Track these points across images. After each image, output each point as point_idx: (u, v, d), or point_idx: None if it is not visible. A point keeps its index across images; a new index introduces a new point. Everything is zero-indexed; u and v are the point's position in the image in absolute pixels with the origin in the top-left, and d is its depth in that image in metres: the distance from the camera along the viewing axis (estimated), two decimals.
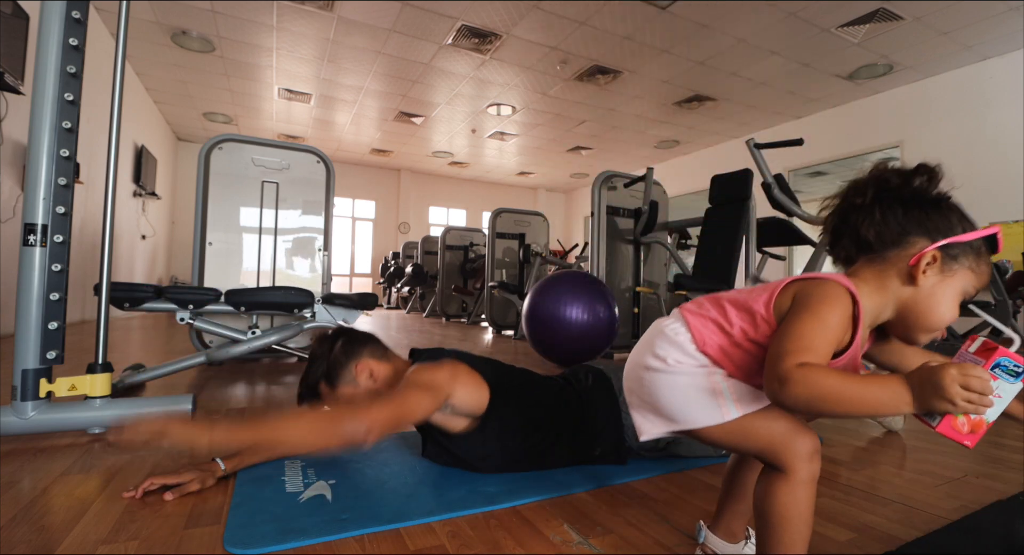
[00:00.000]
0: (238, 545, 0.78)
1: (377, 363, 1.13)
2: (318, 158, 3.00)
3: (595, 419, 1.16)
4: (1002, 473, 1.17)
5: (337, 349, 1.12)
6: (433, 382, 0.99)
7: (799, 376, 0.53)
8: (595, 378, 1.23)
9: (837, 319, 0.58)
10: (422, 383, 0.98)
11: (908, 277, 0.62)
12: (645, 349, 0.69)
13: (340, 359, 1.11)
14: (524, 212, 5.63)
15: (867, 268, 0.65)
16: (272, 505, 0.92)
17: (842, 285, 0.60)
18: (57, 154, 1.30)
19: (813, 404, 0.53)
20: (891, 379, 0.53)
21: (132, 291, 1.96)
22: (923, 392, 0.49)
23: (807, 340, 0.56)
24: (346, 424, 0.83)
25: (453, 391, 1.01)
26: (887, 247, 0.63)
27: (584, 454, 1.15)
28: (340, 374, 1.10)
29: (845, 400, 0.52)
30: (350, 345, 1.13)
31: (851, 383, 0.52)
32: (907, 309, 0.63)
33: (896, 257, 0.62)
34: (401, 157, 9.37)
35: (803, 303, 0.59)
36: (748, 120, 6.82)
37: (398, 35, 4.78)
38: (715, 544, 0.74)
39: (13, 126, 3.43)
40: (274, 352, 2.87)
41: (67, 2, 1.32)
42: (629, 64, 5.27)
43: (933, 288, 0.61)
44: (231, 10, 4.40)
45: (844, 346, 0.60)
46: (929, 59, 4.96)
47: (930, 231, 0.61)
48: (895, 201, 0.63)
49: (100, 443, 1.30)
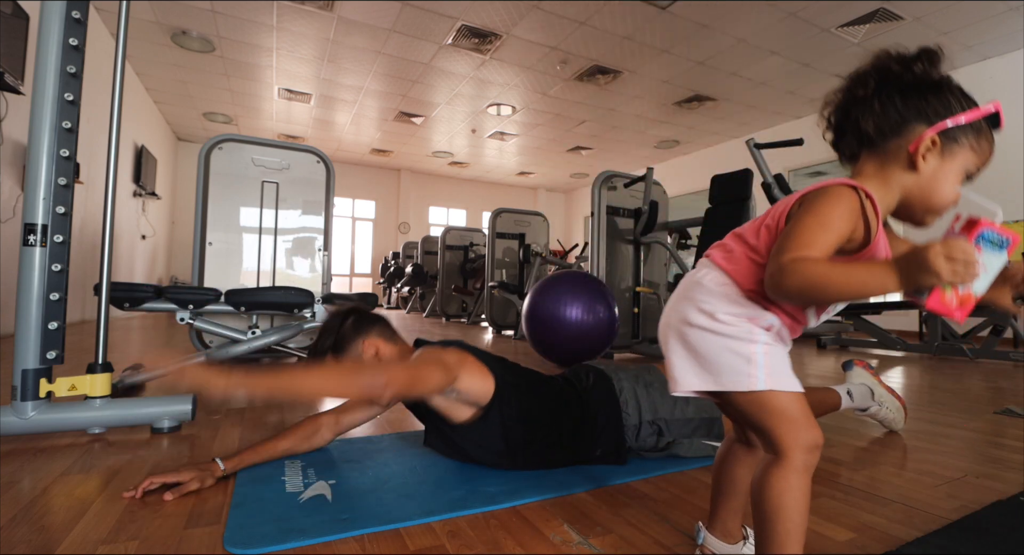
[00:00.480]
0: (238, 545, 0.78)
1: (384, 343, 1.16)
2: (318, 158, 3.00)
3: (596, 419, 1.16)
4: (1002, 473, 1.17)
5: (348, 324, 1.15)
6: (443, 360, 1.02)
7: (791, 268, 0.55)
8: (596, 378, 1.23)
9: (838, 216, 0.59)
10: (433, 359, 1.01)
11: (909, 164, 0.62)
12: (687, 303, 0.67)
13: (349, 334, 1.14)
14: (524, 212, 5.63)
15: (869, 163, 0.65)
16: (272, 505, 0.92)
17: (843, 184, 0.61)
18: (57, 154, 1.30)
19: (805, 292, 0.55)
20: (878, 262, 0.55)
21: (132, 291, 1.96)
22: (909, 269, 0.51)
23: (804, 238, 0.58)
24: (366, 375, 0.87)
25: (460, 374, 1.03)
26: (887, 138, 0.63)
27: (585, 454, 1.16)
28: (347, 348, 1.13)
29: (833, 284, 0.54)
30: (360, 322, 1.16)
31: (839, 268, 0.54)
32: (910, 195, 0.64)
33: (896, 147, 0.63)
34: (401, 157, 9.37)
35: (805, 207, 0.61)
36: (748, 120, 6.82)
37: (398, 35, 4.78)
38: (714, 545, 0.74)
39: (13, 126, 3.43)
40: (274, 352, 2.87)
41: (67, 2, 1.32)
42: (629, 64, 5.27)
43: (934, 172, 0.62)
44: (231, 10, 4.40)
45: (861, 242, 0.61)
46: None
47: (929, 116, 0.61)
48: (894, 91, 0.63)
49: (100, 443, 1.30)
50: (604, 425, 1.16)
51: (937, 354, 3.54)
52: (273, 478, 1.05)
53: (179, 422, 1.44)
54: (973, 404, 1.95)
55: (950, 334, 3.66)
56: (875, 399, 1.49)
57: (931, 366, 3.07)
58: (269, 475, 1.06)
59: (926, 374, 2.74)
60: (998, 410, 1.83)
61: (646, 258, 3.69)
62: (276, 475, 1.07)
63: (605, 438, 1.16)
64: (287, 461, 1.15)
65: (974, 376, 2.67)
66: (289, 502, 0.94)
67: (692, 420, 1.21)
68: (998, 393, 2.19)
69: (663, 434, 1.19)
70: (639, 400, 1.19)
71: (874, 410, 1.48)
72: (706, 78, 5.54)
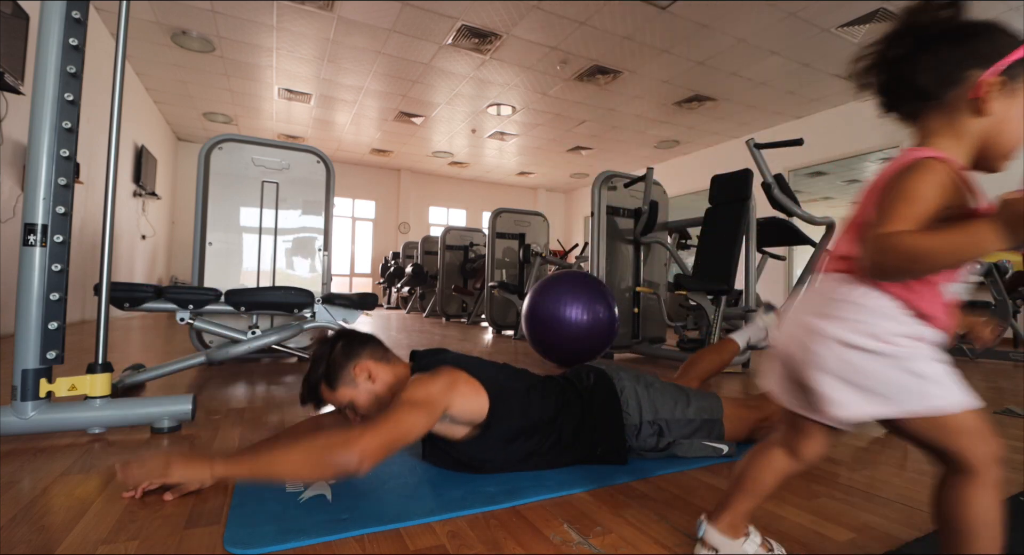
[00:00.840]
0: (238, 545, 0.78)
1: (376, 364, 1.13)
2: (318, 158, 3.00)
3: (597, 418, 1.16)
4: (1002, 473, 1.17)
5: (336, 351, 1.12)
6: (429, 398, 0.98)
7: (886, 244, 0.55)
8: (597, 378, 1.24)
9: (924, 188, 0.58)
10: (417, 400, 0.96)
11: (975, 111, 0.61)
12: (836, 323, 0.62)
13: (339, 361, 1.11)
14: (524, 212, 5.63)
15: (934, 119, 0.64)
16: (272, 505, 0.92)
17: (929, 157, 0.59)
18: (57, 154, 1.30)
19: (903, 266, 0.55)
20: (973, 222, 0.53)
21: (132, 291, 1.96)
22: (1011, 221, 0.50)
23: (892, 214, 0.57)
24: (337, 456, 0.83)
25: (451, 402, 1.01)
26: (946, 89, 0.62)
27: (586, 453, 1.16)
28: (339, 376, 1.10)
29: (932, 252, 0.53)
30: (349, 346, 1.13)
31: (934, 235, 0.53)
32: (984, 142, 0.63)
33: (958, 96, 0.61)
34: (401, 157, 9.37)
35: (891, 185, 0.60)
36: (748, 120, 6.82)
37: (398, 35, 4.78)
38: (715, 539, 0.73)
39: (13, 126, 3.43)
40: (274, 352, 2.87)
41: (67, 2, 1.32)
42: (629, 64, 5.27)
43: (1003, 113, 0.61)
44: (231, 10, 4.40)
45: (964, 207, 0.60)
46: None
47: (982, 59, 0.60)
48: (937, 42, 0.62)
49: (100, 443, 1.30)
50: (605, 424, 1.16)
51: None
52: None
53: (179, 422, 1.43)
54: None
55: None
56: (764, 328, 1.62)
57: None
58: None
59: None
60: (998, 410, 1.83)
61: (646, 258, 3.69)
62: None
63: (606, 437, 1.16)
64: None
65: (974, 376, 2.67)
66: (289, 502, 0.94)
67: (693, 421, 1.21)
68: (998, 393, 2.19)
69: (663, 434, 1.19)
70: (640, 400, 1.19)
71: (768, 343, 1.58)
72: (706, 78, 5.54)
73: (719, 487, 1.05)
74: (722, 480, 1.09)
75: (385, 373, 1.13)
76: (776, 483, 0.72)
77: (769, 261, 3.49)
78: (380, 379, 1.12)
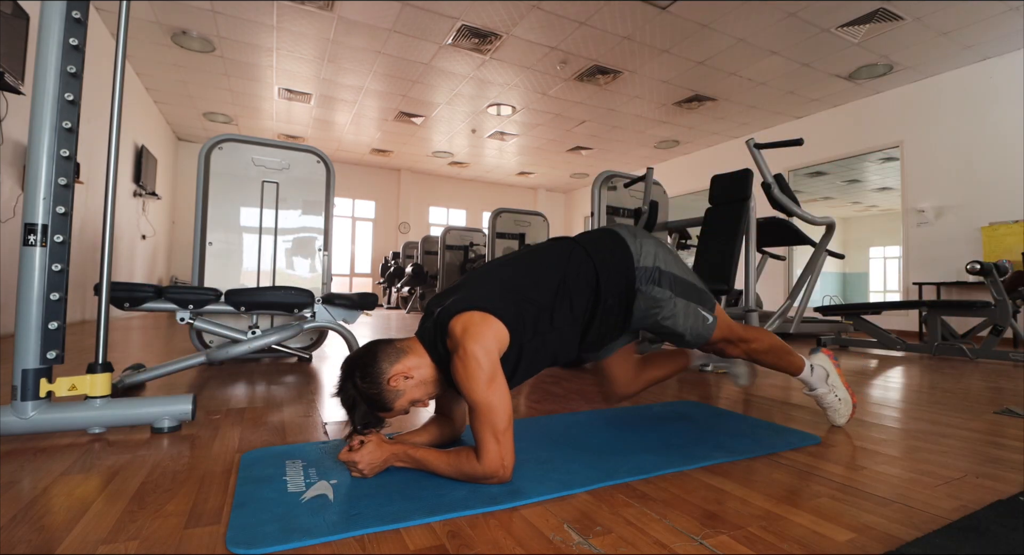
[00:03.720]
0: (241, 545, 0.78)
1: (401, 364, 1.09)
2: (318, 158, 3.00)
3: (610, 273, 1.23)
4: (1002, 473, 1.17)
5: (361, 385, 1.06)
6: (494, 366, 1.02)
7: None
8: (604, 234, 1.32)
9: None
10: (484, 377, 1.00)
11: None
12: None
13: (373, 389, 1.06)
14: (524, 212, 5.63)
15: None
16: (275, 505, 0.92)
17: None
18: (57, 154, 1.30)
19: None
20: None
21: (132, 291, 1.96)
22: None
23: None
24: (477, 476, 1.01)
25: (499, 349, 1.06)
26: None
27: (606, 307, 1.22)
28: (384, 398, 1.07)
29: None
30: (367, 371, 1.07)
31: None
32: None
33: None
34: (401, 157, 9.37)
35: None
36: (748, 120, 6.82)
37: (398, 35, 4.78)
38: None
39: (13, 126, 3.43)
40: (274, 352, 2.87)
41: (67, 2, 1.32)
42: (629, 64, 5.27)
43: None
44: (231, 10, 4.40)
45: None
46: (929, 59, 4.96)
47: None
48: None
49: (100, 443, 1.30)
50: (615, 274, 1.24)
51: (937, 354, 3.54)
52: (275, 478, 1.05)
53: (179, 422, 1.44)
54: (973, 404, 1.95)
55: (950, 334, 3.66)
56: (828, 382, 1.52)
57: (931, 366, 3.07)
58: (271, 475, 1.06)
59: (926, 374, 2.74)
60: (998, 410, 1.83)
61: None
62: (278, 475, 1.07)
63: (614, 284, 1.23)
64: (288, 461, 1.15)
65: (974, 376, 2.68)
66: (291, 502, 0.94)
67: (691, 284, 1.32)
68: (998, 393, 2.19)
69: (660, 283, 1.26)
70: (654, 250, 1.29)
71: (822, 392, 1.51)
72: (706, 78, 5.54)
73: (719, 487, 1.05)
74: (722, 480, 1.09)
75: (412, 363, 1.11)
76: None
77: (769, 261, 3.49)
78: (414, 370, 1.10)
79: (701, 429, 1.48)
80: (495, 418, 0.99)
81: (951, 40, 4.60)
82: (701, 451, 1.27)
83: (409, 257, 8.78)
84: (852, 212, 12.14)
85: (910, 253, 5.49)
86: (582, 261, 1.22)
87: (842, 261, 13.07)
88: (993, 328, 3.28)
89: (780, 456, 1.26)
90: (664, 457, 1.22)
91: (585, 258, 1.23)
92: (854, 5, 4.09)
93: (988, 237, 4.84)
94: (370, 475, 1.04)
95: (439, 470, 1.04)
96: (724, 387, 2.23)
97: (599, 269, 1.22)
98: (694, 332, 1.32)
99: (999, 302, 3.26)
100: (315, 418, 1.60)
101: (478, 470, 1.00)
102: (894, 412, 1.80)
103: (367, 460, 1.03)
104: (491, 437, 0.99)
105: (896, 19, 4.28)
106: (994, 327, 3.28)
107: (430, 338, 1.12)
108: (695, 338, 1.33)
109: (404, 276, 7.93)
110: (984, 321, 3.54)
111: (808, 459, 1.24)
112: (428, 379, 1.11)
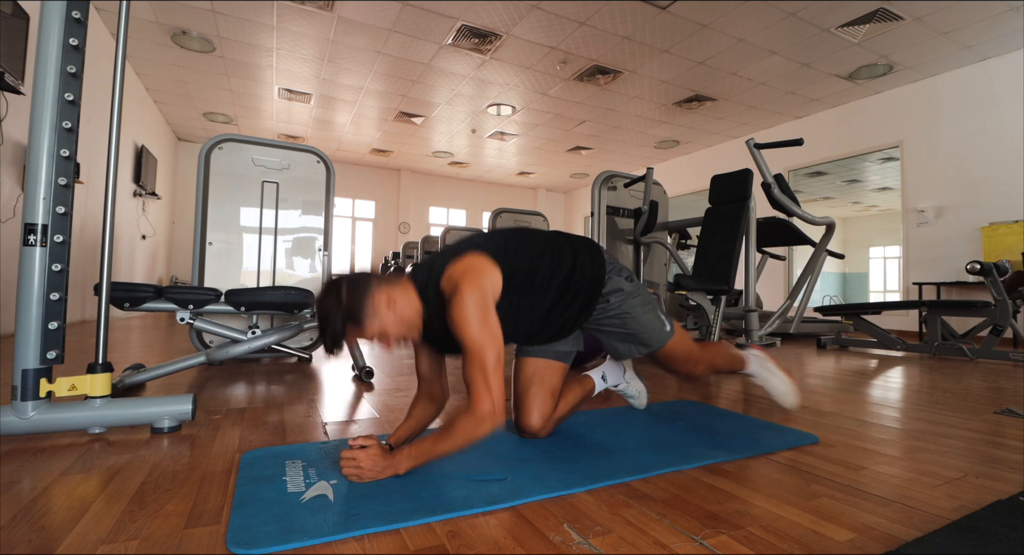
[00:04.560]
0: (241, 545, 0.78)
1: (390, 288, 1.10)
2: (318, 158, 3.00)
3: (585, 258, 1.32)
4: (1002, 473, 1.17)
5: (347, 292, 1.07)
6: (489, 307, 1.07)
7: None
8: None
9: None
10: (483, 314, 1.05)
11: None
12: None
13: (356, 298, 1.06)
14: (524, 212, 5.63)
15: None
16: (274, 505, 0.92)
17: None
18: (57, 154, 1.30)
19: None
20: None
21: (132, 291, 1.96)
22: None
23: None
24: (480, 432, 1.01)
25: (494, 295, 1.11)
26: None
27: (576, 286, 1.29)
28: (362, 311, 1.06)
29: None
30: (355, 284, 1.08)
31: None
32: None
33: None
34: (401, 157, 9.37)
35: None
36: (748, 120, 6.82)
37: (398, 35, 4.78)
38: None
39: (13, 126, 3.43)
40: (274, 352, 2.87)
41: (67, 2, 1.32)
42: (629, 64, 5.27)
43: None
44: (231, 10, 4.40)
45: None
46: (929, 59, 4.96)
47: None
48: None
49: (100, 443, 1.30)
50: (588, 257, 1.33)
51: (937, 354, 3.54)
52: (275, 478, 1.05)
53: (179, 422, 1.44)
54: (973, 404, 1.95)
55: (950, 334, 3.66)
56: (768, 368, 1.67)
57: (931, 366, 3.07)
58: (271, 475, 1.06)
59: (926, 374, 2.74)
60: (998, 410, 1.83)
61: (646, 258, 3.69)
62: (278, 475, 1.07)
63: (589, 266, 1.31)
64: (288, 461, 1.15)
65: (974, 376, 2.68)
66: (291, 502, 0.94)
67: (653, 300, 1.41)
68: (998, 393, 2.19)
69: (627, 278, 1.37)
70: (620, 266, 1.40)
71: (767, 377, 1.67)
72: (706, 78, 5.54)
73: (719, 487, 1.05)
74: (722, 480, 1.09)
75: (399, 294, 1.11)
76: None
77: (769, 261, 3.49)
78: (399, 302, 1.10)
79: (701, 429, 1.49)
80: (485, 358, 1.02)
81: (951, 40, 4.60)
82: (701, 451, 1.27)
83: (409, 257, 8.78)
84: (852, 212, 12.14)
85: (910, 253, 5.49)
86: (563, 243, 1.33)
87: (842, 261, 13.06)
88: (993, 328, 3.28)
89: (780, 456, 1.26)
90: (664, 457, 1.22)
91: (566, 241, 1.34)
92: (854, 5, 4.09)
93: (988, 237, 4.84)
94: (367, 479, 1.03)
95: (440, 449, 1.02)
96: (724, 387, 2.23)
97: (577, 250, 1.32)
98: (650, 332, 1.36)
99: (999, 302, 3.26)
100: (315, 418, 1.60)
101: (472, 422, 1.01)
102: (894, 412, 1.80)
103: (368, 463, 1.03)
104: (481, 379, 1.02)
105: (896, 19, 4.28)
106: (994, 327, 3.28)
107: (423, 280, 1.16)
108: (650, 339, 1.37)
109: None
110: (984, 321, 3.54)
111: (808, 459, 1.24)
112: (407, 318, 1.11)
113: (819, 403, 1.93)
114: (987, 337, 3.29)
